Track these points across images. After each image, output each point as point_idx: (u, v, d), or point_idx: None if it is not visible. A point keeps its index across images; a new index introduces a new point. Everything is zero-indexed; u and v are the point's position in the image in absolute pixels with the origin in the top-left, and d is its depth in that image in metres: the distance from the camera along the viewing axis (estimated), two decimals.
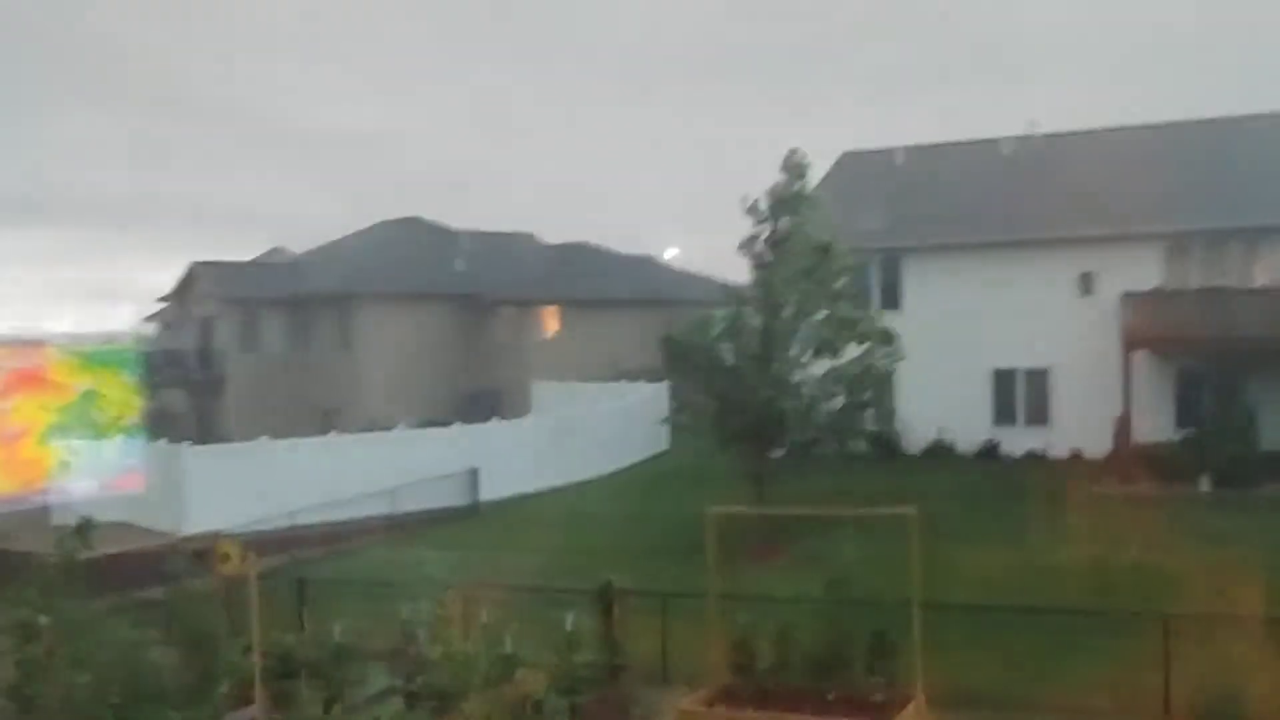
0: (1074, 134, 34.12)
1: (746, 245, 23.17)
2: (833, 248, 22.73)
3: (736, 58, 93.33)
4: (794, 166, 22.92)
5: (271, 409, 42.38)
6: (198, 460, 27.18)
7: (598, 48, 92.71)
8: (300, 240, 56.36)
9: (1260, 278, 28.07)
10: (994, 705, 13.20)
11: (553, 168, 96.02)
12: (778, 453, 22.44)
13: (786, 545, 20.67)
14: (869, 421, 26.08)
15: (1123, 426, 26.33)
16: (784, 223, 22.81)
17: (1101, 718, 12.61)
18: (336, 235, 52.77)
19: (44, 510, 12.24)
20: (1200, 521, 21.88)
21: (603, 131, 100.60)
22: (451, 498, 28.36)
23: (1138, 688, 12.93)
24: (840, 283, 22.89)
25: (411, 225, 50.37)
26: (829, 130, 73.56)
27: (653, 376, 28.02)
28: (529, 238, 53.46)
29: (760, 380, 22.20)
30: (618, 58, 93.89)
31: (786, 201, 22.76)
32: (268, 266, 53.53)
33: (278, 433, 31.66)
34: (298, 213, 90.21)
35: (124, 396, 12.06)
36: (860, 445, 29.78)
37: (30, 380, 11.51)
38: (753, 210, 22.91)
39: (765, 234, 22.97)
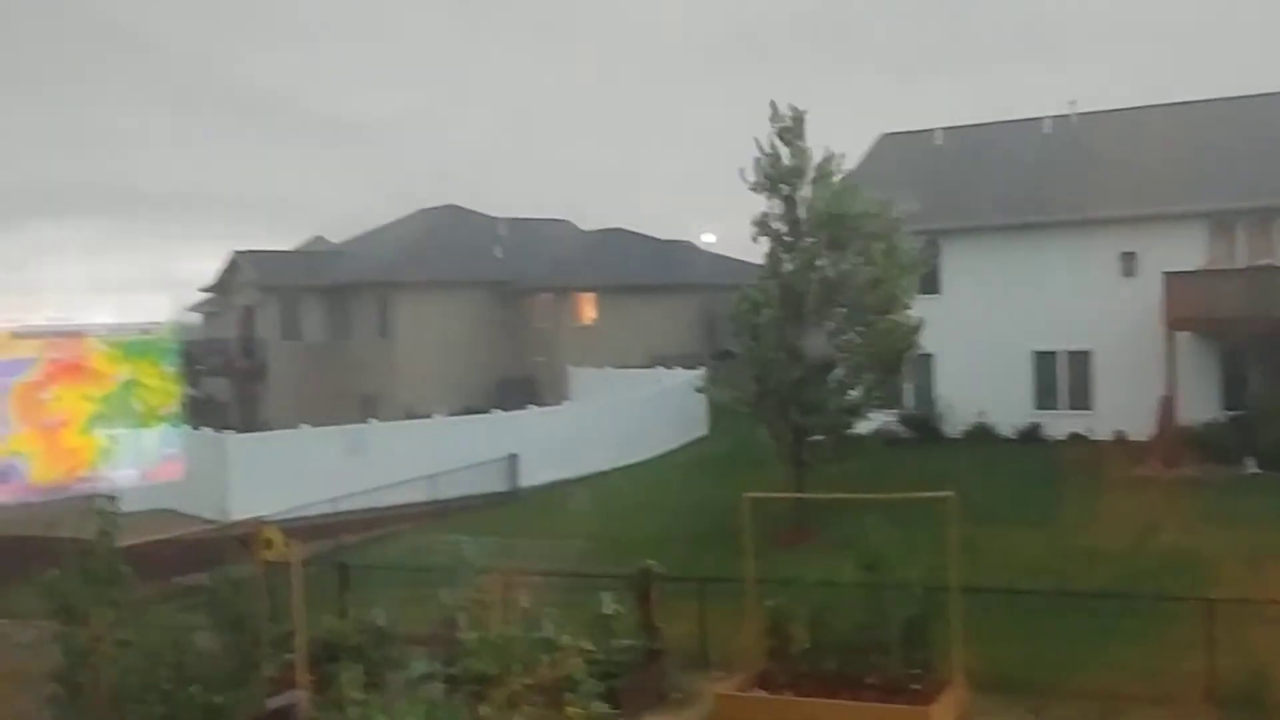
0: (1114, 112, 33.66)
1: (762, 227, 22.66)
2: (848, 215, 22.05)
3: (773, 38, 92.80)
4: (787, 132, 22.17)
5: (311, 397, 42.80)
6: (240, 447, 27.53)
7: (633, 31, 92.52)
8: (340, 229, 56.66)
9: None
10: (1033, 691, 13.11)
11: (589, 153, 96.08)
12: (816, 436, 22.26)
13: (823, 530, 20.61)
14: (899, 396, 25.86)
15: (1166, 409, 26.00)
16: (801, 192, 22.19)
17: (1143, 704, 12.49)
18: (375, 224, 53.12)
19: (87, 499, 12.43)
20: (1245, 505, 21.59)
21: (638, 116, 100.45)
22: (491, 484, 28.52)
23: (1180, 673, 12.80)
24: (880, 246, 22.14)
25: (449, 213, 50.59)
26: (868, 112, 73.06)
27: (689, 362, 28.04)
28: (566, 224, 53.53)
29: (791, 361, 21.87)
30: (654, 41, 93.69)
31: (788, 170, 22.15)
32: (308, 255, 54.01)
33: (318, 420, 31.98)
34: (336, 201, 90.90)
35: (164, 385, 12.19)
36: (894, 428, 29.72)
37: (71, 370, 11.66)
38: (759, 186, 22.31)
39: (781, 209, 22.30)
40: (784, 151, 22.20)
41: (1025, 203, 31.23)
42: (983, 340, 29.93)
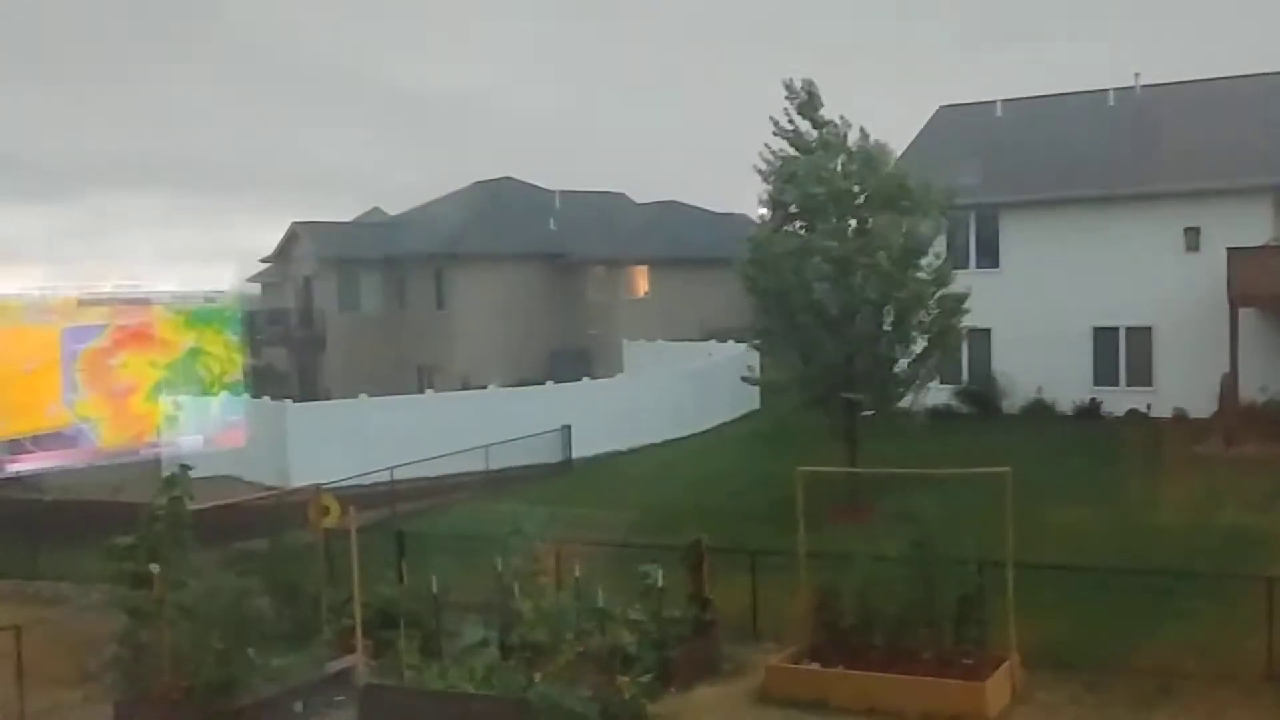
0: (1179, 84, 32.92)
1: (773, 206, 22.27)
2: (907, 192, 21.61)
3: (828, 10, 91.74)
4: (805, 104, 21.68)
5: (369, 367, 43.30)
6: (299, 416, 27.93)
7: (690, 3, 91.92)
8: (397, 201, 57.00)
9: None
10: (1089, 668, 13.03)
11: (645, 125, 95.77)
12: (869, 412, 22.11)
13: (877, 505, 20.54)
14: (958, 379, 25.43)
15: (1229, 386, 25.55)
16: (837, 167, 21.68)
17: (1200, 681, 12.37)
18: (432, 196, 53.43)
19: (153, 464, 12.70)
20: None
21: (694, 89, 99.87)
22: (545, 455, 28.70)
23: (1239, 651, 12.66)
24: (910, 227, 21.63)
25: (505, 186, 50.73)
26: (926, 83, 72.05)
27: (742, 336, 27.93)
28: (621, 197, 53.47)
29: (838, 339, 21.60)
30: (710, 14, 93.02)
31: (811, 146, 21.70)
32: (366, 227, 54.46)
33: (375, 390, 32.35)
34: (395, 174, 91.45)
35: (227, 354, 12.44)
36: (951, 403, 29.46)
37: (138, 338, 11.92)
38: (767, 172, 21.91)
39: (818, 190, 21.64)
40: (803, 125, 21.94)
41: (1086, 176, 30.73)
42: (1042, 315, 29.55)
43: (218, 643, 12.52)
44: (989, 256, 30.96)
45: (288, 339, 48.60)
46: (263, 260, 53.07)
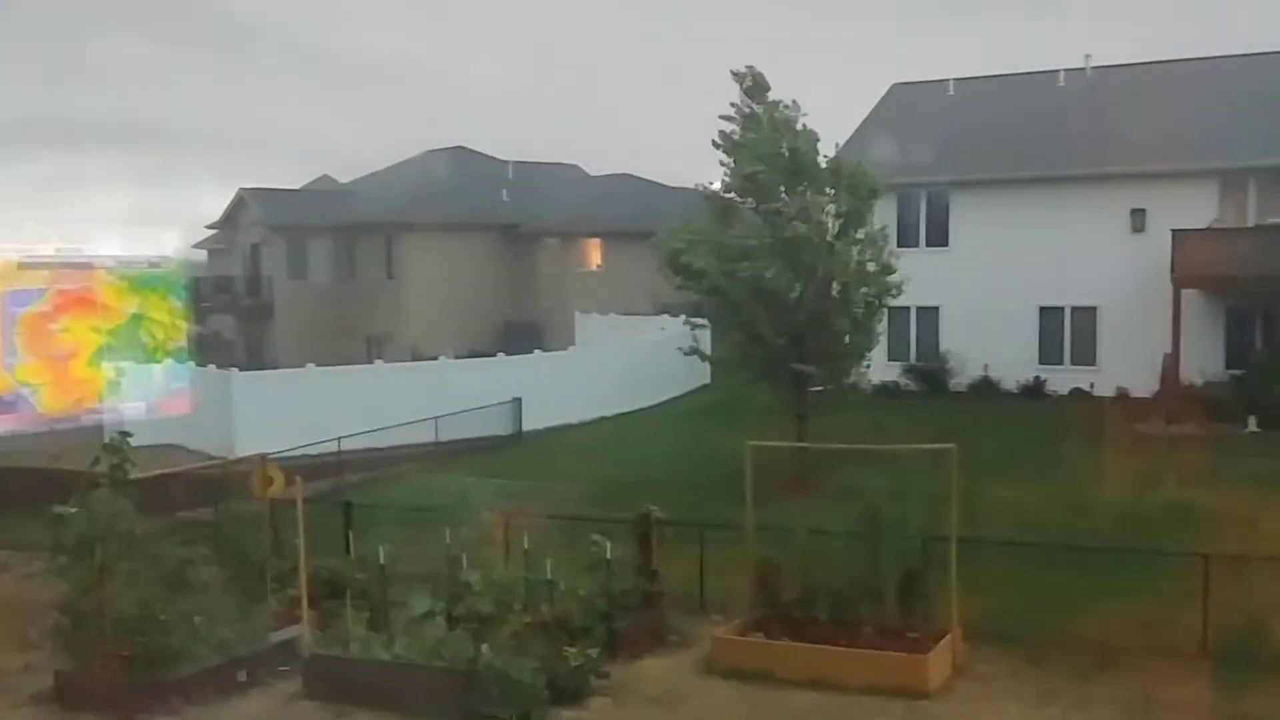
0: (1128, 67, 33.30)
1: (734, 183, 22.32)
2: (848, 175, 21.79)
3: None
4: (753, 88, 21.76)
5: (317, 336, 42.87)
6: (246, 385, 27.59)
7: None
8: (347, 169, 56.35)
9: None
10: (1030, 642, 13.25)
11: (596, 97, 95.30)
12: (818, 387, 22.26)
13: (824, 479, 20.72)
14: (905, 356, 25.65)
15: (1170, 366, 26.01)
16: (783, 147, 21.75)
17: (1138, 655, 12.62)
18: (383, 165, 52.88)
19: (95, 430, 12.50)
20: (1244, 462, 21.66)
21: (647, 62, 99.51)
22: (495, 427, 28.61)
23: (1176, 626, 12.92)
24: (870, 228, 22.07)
25: (457, 155, 50.31)
26: (877, 61, 72.30)
27: (694, 310, 27.99)
28: (574, 169, 53.24)
29: (786, 316, 21.72)
30: None
31: (760, 124, 21.72)
32: (315, 194, 53.79)
33: (323, 360, 32.03)
34: (345, 141, 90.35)
35: (171, 320, 12.25)
36: (898, 381, 29.75)
37: (80, 302, 11.71)
38: (723, 145, 21.93)
39: (762, 166, 21.80)
40: (757, 109, 22.03)
41: (1036, 156, 31.02)
42: (989, 294, 29.87)
43: (161, 612, 12.40)
44: (939, 235, 31.22)
45: (234, 307, 48.01)
46: (209, 226, 52.29)
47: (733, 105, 22.11)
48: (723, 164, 22.33)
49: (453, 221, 44.96)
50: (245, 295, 47.69)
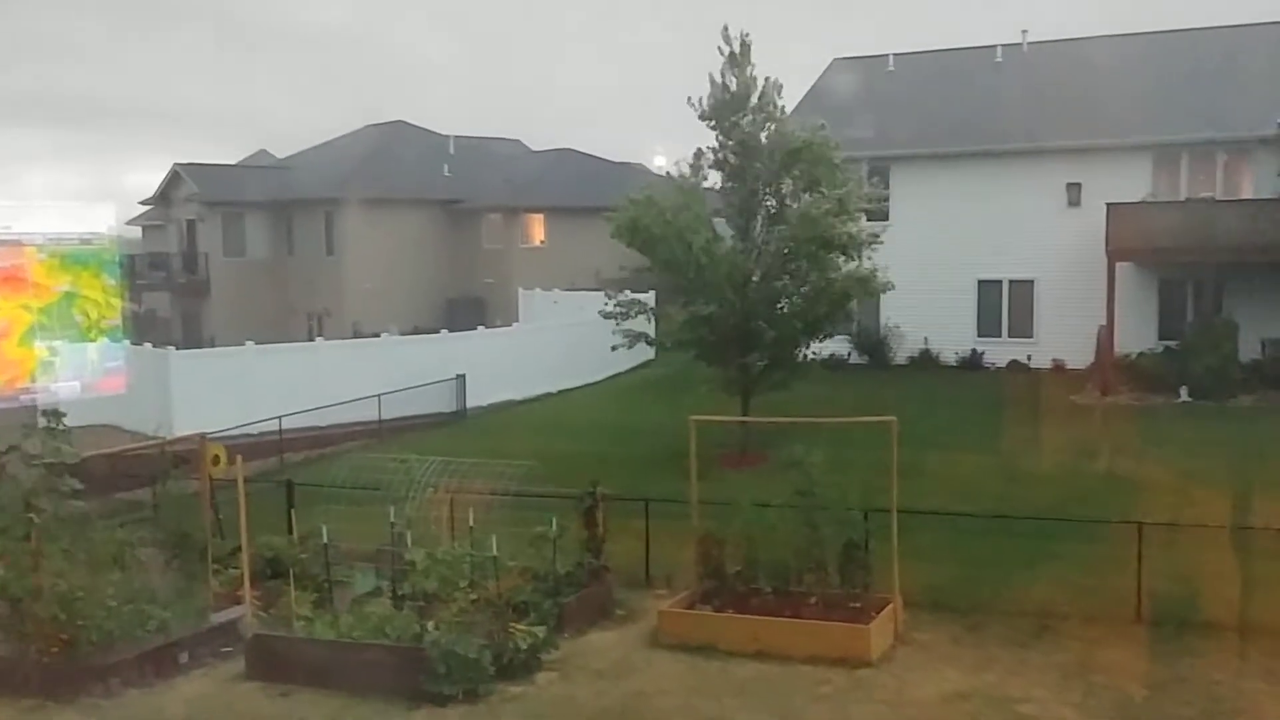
0: (1064, 42, 33.74)
1: (704, 157, 22.40)
2: (807, 148, 21.77)
3: None
4: (736, 59, 21.82)
5: (256, 314, 42.32)
6: (183, 364, 27.20)
7: None
8: (285, 144, 55.67)
9: (1245, 189, 28.04)
10: (969, 610, 13.49)
11: (540, 72, 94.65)
12: (761, 362, 22.40)
13: (768, 452, 20.88)
14: (847, 330, 25.84)
15: (1105, 338, 26.50)
16: (747, 122, 21.93)
17: (1074, 622, 12.89)
18: (322, 139, 52.22)
19: (27, 411, 12.23)
20: (1176, 431, 22.18)
21: (590, 36, 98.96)
22: (438, 404, 28.49)
23: (1111, 593, 13.21)
24: (833, 180, 21.92)
25: (398, 129, 49.80)
26: (819, 36, 72.47)
27: (639, 285, 28.01)
28: (516, 144, 52.95)
29: (736, 292, 21.79)
30: None
31: (736, 95, 21.85)
32: (252, 169, 53.01)
33: (263, 338, 31.66)
34: (283, 116, 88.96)
35: (105, 298, 11.99)
36: (840, 354, 30.01)
37: (9, 280, 11.43)
38: (705, 115, 21.94)
39: (727, 136, 21.93)
40: (731, 80, 21.99)
41: (975, 131, 31.35)
42: (930, 268, 30.19)
43: (99, 594, 12.23)
44: (880, 210, 31.41)
45: (170, 284, 47.24)
46: (143, 202, 51.34)
47: (714, 73, 22.02)
48: (714, 130, 22.12)
49: (393, 197, 44.53)
50: (181, 272, 46.92)
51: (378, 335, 32.73)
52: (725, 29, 21.86)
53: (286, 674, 11.97)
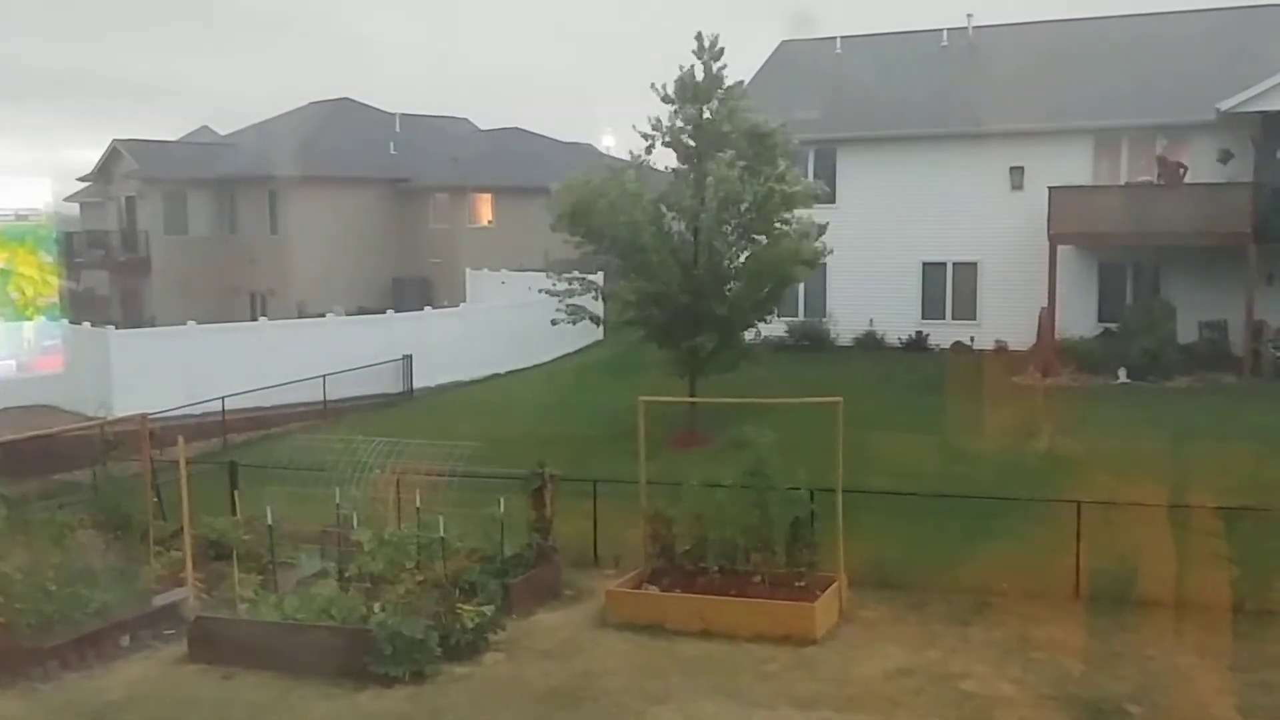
0: (1008, 27, 34.05)
1: (667, 134, 22.47)
2: (769, 134, 22.20)
3: None
4: (708, 50, 21.93)
5: (198, 293, 41.73)
6: (122, 343, 26.75)
7: None
8: (227, 120, 54.74)
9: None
10: (912, 588, 13.69)
11: (486, 50, 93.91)
12: (710, 343, 22.49)
13: (715, 433, 20.99)
14: (793, 312, 26.16)
15: (1046, 320, 26.87)
16: (709, 109, 22.14)
17: (1015, 599, 13.12)
18: (265, 116, 51.46)
19: None
20: (1115, 412, 22.59)
21: (540, 15, 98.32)
22: (385, 385, 28.30)
23: (1050, 570, 13.45)
24: (781, 167, 22.30)
25: (343, 107, 49.19)
26: (768, 18, 72.52)
27: (587, 266, 27.93)
28: (464, 122, 52.53)
29: (684, 275, 21.91)
30: None
31: (701, 86, 21.96)
32: (194, 146, 52.11)
33: (205, 317, 31.24)
34: (224, 91, 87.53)
35: (42, 275, 11.80)
36: (786, 336, 30.22)
37: None
38: (669, 98, 22.16)
39: (687, 122, 22.04)
40: (699, 69, 22.11)
41: (920, 114, 31.58)
42: (875, 250, 30.42)
43: (37, 577, 12.05)
44: (826, 192, 31.57)
45: (109, 262, 46.42)
46: (81, 179, 50.34)
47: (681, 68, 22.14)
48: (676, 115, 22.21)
49: (338, 175, 44.02)
50: (121, 250, 46.11)
51: (323, 315, 32.42)
52: (699, 34, 22.04)
53: (230, 656, 11.88)
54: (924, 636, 12.39)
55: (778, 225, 22.12)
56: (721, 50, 22.10)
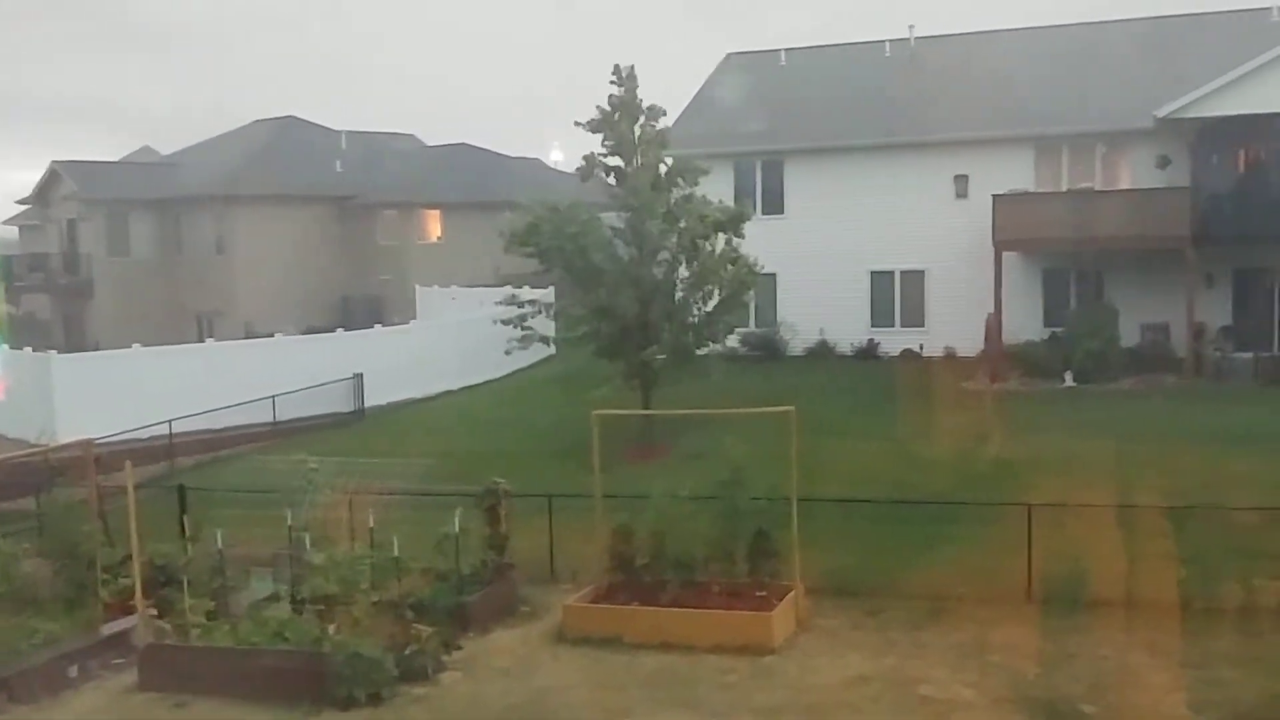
0: (950, 37, 34.50)
1: (593, 163, 22.82)
2: (676, 162, 22.77)
3: None
4: (625, 77, 22.45)
5: (143, 315, 41.15)
6: (66, 368, 26.30)
7: None
8: (170, 140, 54.17)
9: (1124, 179, 29.03)
10: (869, 594, 13.77)
11: (435, 67, 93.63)
12: (661, 356, 22.58)
13: (671, 445, 21.03)
14: (744, 320, 26.43)
15: (993, 326, 27.21)
16: (636, 131, 22.49)
17: (970, 604, 13.23)
18: (209, 135, 50.97)
19: None
20: (1062, 415, 22.90)
21: (486, 33, 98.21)
22: (336, 404, 28.04)
23: (1003, 573, 13.58)
24: (692, 189, 22.82)
25: (288, 125, 48.80)
26: (716, 30, 72.94)
27: (538, 281, 27.94)
28: (411, 138, 52.33)
29: (634, 289, 22.18)
30: None
31: (623, 109, 22.42)
32: (135, 166, 51.49)
33: (150, 340, 30.80)
34: (167, 111, 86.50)
35: None
36: (738, 347, 30.39)
37: None
38: (594, 124, 22.50)
39: (614, 144, 22.55)
40: (619, 97, 22.47)
41: (865, 125, 31.88)
42: (824, 260, 30.65)
43: None
44: (775, 203, 31.82)
45: (50, 286, 45.67)
46: (20, 201, 49.51)
47: (610, 97, 22.55)
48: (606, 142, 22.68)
49: (285, 193, 43.65)
50: (62, 273, 45.35)
51: (271, 335, 32.09)
52: (616, 66, 22.45)
53: (182, 684, 11.69)
54: (881, 643, 12.46)
55: (707, 245, 22.54)
56: (634, 77, 22.55)
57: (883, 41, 35.29)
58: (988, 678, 11.37)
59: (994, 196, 27.91)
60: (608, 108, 22.45)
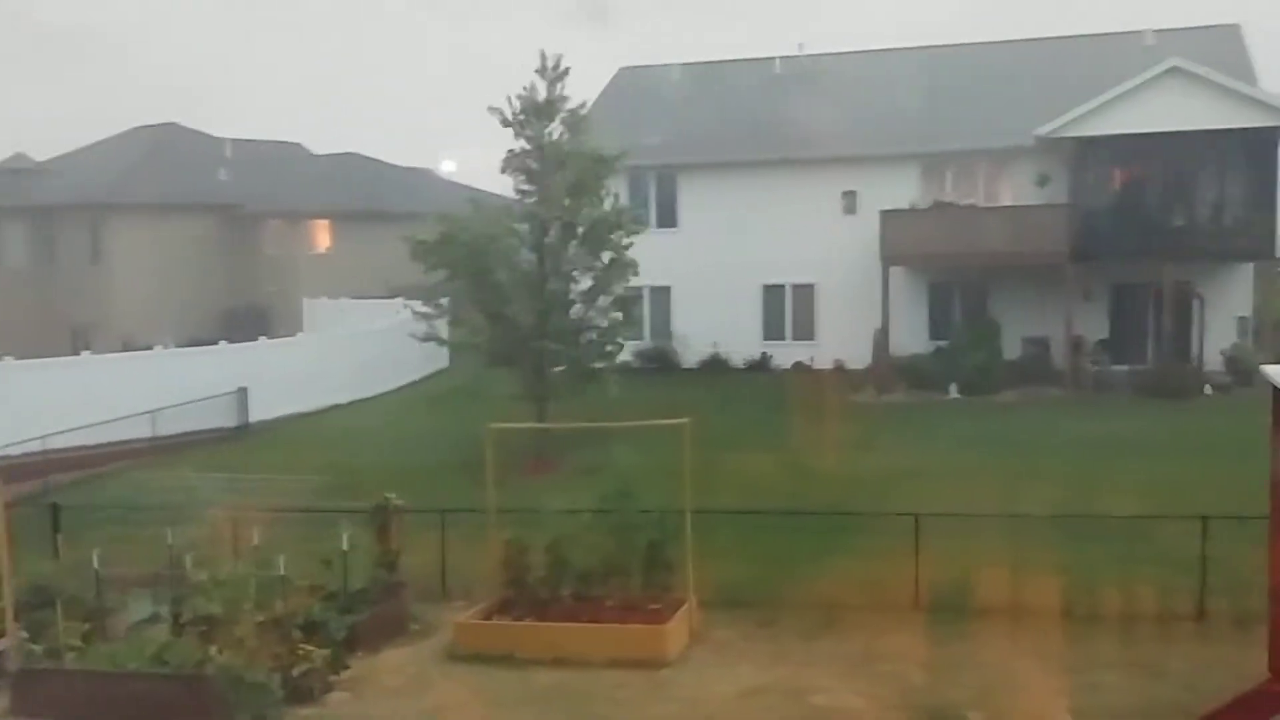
0: (839, 55, 35.18)
1: (511, 161, 22.64)
2: (608, 158, 22.47)
3: None
4: (551, 73, 22.19)
5: (13, 327, 39.47)
6: None
7: None
8: (45, 146, 52.19)
9: (1005, 196, 29.91)
10: (761, 605, 13.86)
11: (320, 72, 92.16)
12: (556, 369, 22.50)
13: (564, 459, 20.94)
14: (639, 335, 26.58)
15: (881, 339, 27.77)
16: (552, 133, 22.36)
17: (860, 612, 13.41)
18: (86, 141, 49.28)
19: None
20: (947, 426, 23.46)
21: (377, 39, 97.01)
22: (218, 419, 27.27)
23: (891, 582, 13.80)
24: (602, 193, 22.75)
25: (169, 132, 47.48)
26: (609, 43, 73.26)
27: (429, 294, 27.56)
28: (297, 147, 51.34)
29: (532, 300, 22.07)
30: None
31: (542, 109, 22.22)
32: (7, 173, 49.47)
33: (21, 353, 29.59)
34: (34, 116, 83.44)
35: None
36: (632, 360, 30.48)
37: None
38: (510, 121, 22.26)
39: (530, 146, 22.31)
40: (542, 90, 22.19)
41: (756, 140, 32.29)
42: (717, 273, 30.93)
43: None
44: (668, 216, 32.02)
45: None
46: None
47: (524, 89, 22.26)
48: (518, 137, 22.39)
49: (165, 202, 42.42)
50: None
51: (150, 348, 31.11)
52: (543, 53, 22.22)
53: (57, 709, 11.19)
54: (774, 653, 12.56)
55: (610, 251, 22.49)
56: (565, 71, 22.25)
57: (773, 58, 35.81)
58: (878, 686, 11.54)
59: (881, 212, 28.51)
60: (527, 102, 22.09)
